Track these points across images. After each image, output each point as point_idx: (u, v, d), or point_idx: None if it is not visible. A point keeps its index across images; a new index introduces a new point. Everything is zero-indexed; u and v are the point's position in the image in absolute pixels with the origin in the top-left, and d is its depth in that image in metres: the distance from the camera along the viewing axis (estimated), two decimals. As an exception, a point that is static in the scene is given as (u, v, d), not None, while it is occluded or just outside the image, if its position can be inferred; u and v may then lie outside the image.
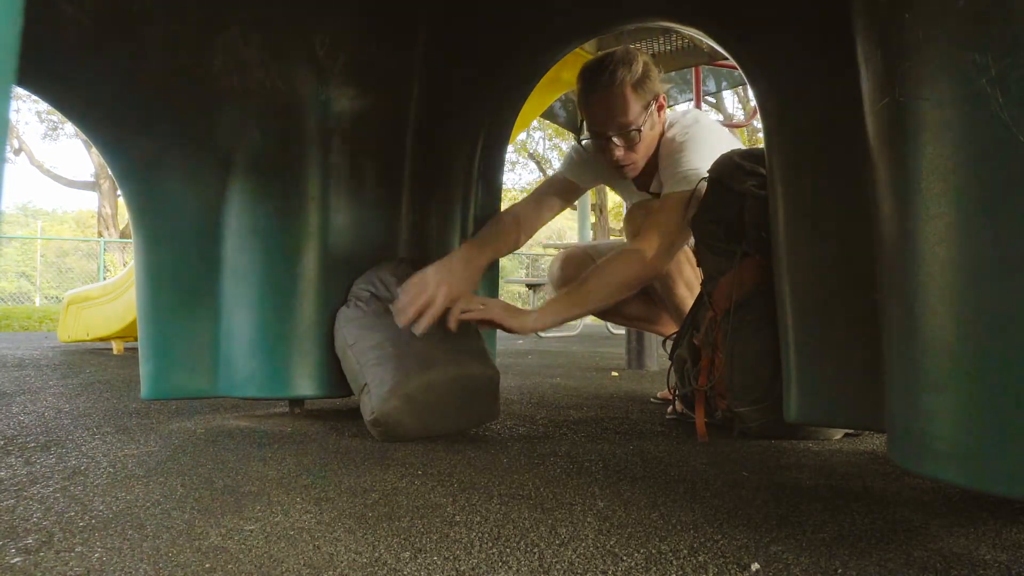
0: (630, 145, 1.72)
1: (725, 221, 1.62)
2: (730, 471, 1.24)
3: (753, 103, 2.61)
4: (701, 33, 1.59)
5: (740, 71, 1.51)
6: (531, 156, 20.77)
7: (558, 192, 1.93)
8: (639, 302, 2.11)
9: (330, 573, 0.75)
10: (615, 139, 1.71)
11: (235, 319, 1.64)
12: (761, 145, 1.53)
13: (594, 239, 8.59)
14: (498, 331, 2.48)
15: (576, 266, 2.02)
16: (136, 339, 3.07)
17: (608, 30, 1.95)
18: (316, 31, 1.64)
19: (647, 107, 1.71)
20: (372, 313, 1.59)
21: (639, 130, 1.70)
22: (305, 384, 1.65)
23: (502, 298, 1.90)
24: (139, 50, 1.52)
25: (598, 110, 1.71)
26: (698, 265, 1.73)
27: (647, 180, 1.89)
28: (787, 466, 1.29)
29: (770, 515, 0.97)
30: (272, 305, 1.63)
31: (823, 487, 1.13)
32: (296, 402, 1.80)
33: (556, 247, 6.70)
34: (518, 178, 18.02)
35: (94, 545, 0.83)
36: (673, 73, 3.82)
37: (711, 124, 1.80)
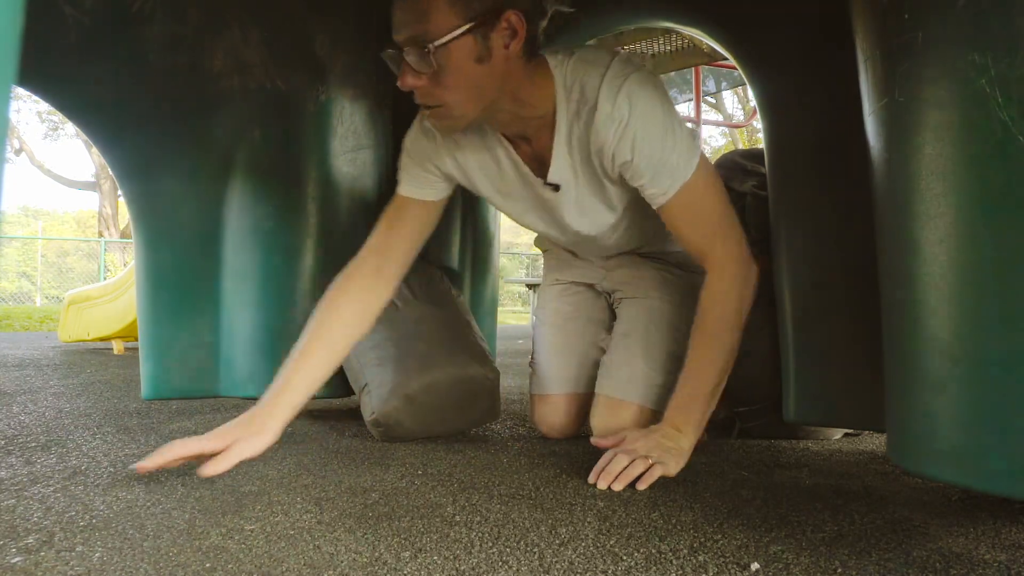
0: (426, 69, 1.04)
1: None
2: (730, 471, 1.24)
3: (753, 103, 2.62)
4: (701, 33, 1.59)
5: (740, 71, 1.51)
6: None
7: (400, 228, 1.30)
8: None
9: (330, 573, 0.75)
10: (407, 57, 1.04)
11: (235, 319, 1.64)
12: (761, 145, 1.53)
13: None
14: (498, 331, 2.43)
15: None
16: (136, 339, 3.07)
17: (608, 31, 1.96)
18: (316, 32, 1.64)
19: (474, 20, 1.02)
20: (372, 313, 1.59)
21: (436, 49, 1.02)
22: (305, 384, 1.64)
23: (502, 297, 1.81)
24: (139, 50, 1.52)
25: (395, 9, 1.07)
26: None
27: (540, 161, 1.23)
28: (787, 466, 1.29)
29: (770, 515, 0.97)
30: (272, 305, 1.63)
31: (823, 487, 1.13)
32: (296, 402, 1.80)
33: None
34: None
35: (95, 545, 0.83)
36: (673, 73, 3.82)
37: (646, 75, 1.14)
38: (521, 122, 1.17)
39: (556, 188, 1.24)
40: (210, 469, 1.03)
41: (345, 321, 1.24)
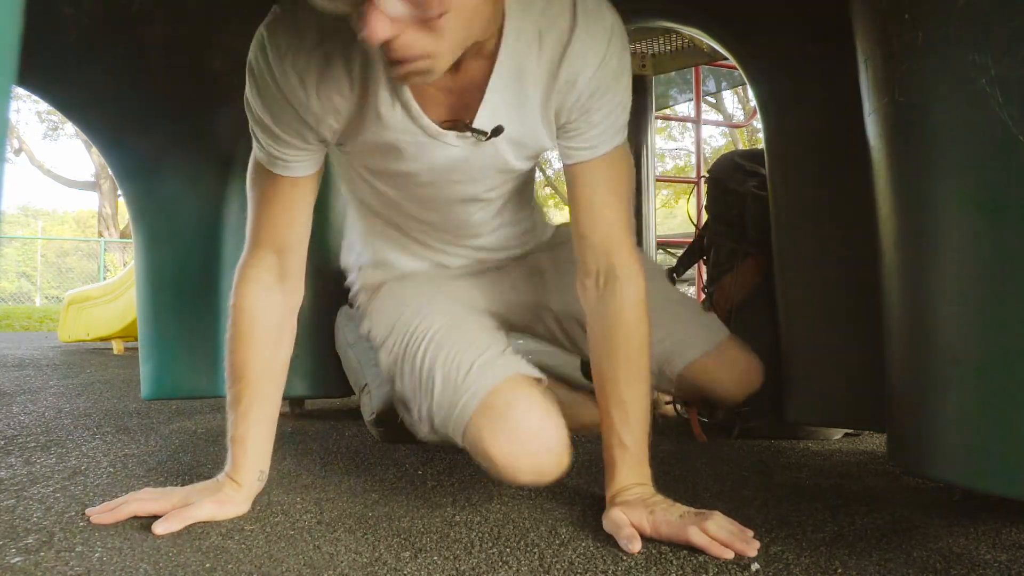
0: (428, 12, 0.69)
1: (727, 221, 1.63)
2: (730, 471, 1.24)
3: (753, 103, 2.61)
4: (701, 33, 1.59)
5: (740, 71, 1.51)
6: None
7: (291, 214, 0.99)
8: None
9: (330, 573, 0.75)
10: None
11: (235, 319, 1.64)
12: (761, 145, 1.53)
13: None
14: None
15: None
16: (136, 339, 3.08)
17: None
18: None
19: None
20: (372, 313, 1.59)
21: None
22: (305, 384, 1.65)
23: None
24: (139, 50, 1.52)
25: None
26: (704, 264, 1.71)
27: (462, 102, 0.89)
28: (787, 466, 1.29)
29: (770, 515, 0.97)
30: (272, 305, 1.63)
31: (823, 487, 1.13)
32: (296, 402, 1.80)
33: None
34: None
35: (94, 545, 0.83)
36: (673, 73, 3.82)
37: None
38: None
39: (484, 135, 0.90)
40: (163, 527, 0.87)
41: (268, 361, 0.99)
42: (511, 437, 0.93)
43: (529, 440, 0.94)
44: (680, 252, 1.74)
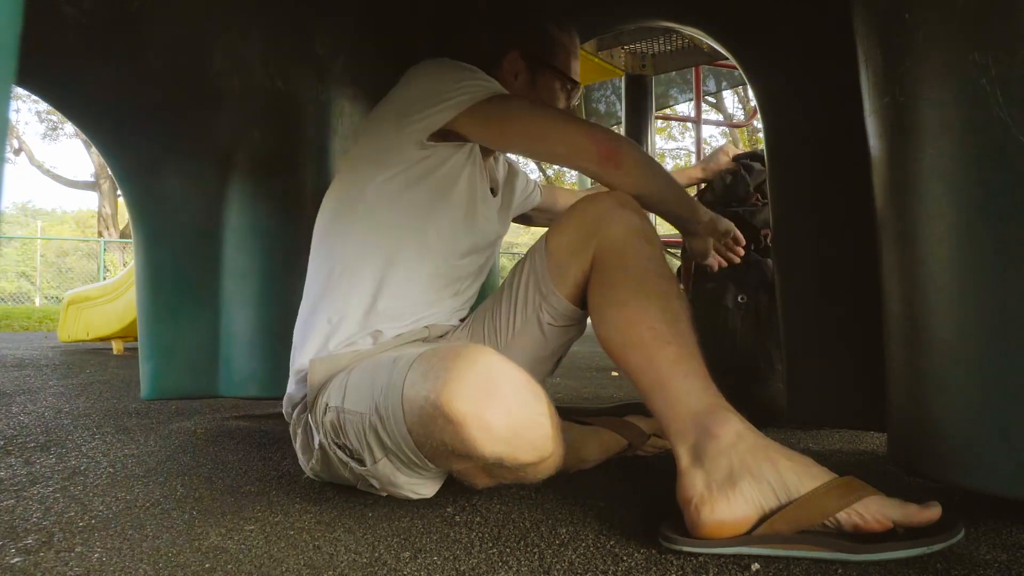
0: None
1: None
2: (730, 471, 1.24)
3: (753, 103, 2.61)
4: (701, 33, 1.59)
5: (740, 71, 1.51)
6: (531, 156, 20.65)
7: None
8: None
9: (330, 573, 0.75)
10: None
11: (235, 319, 1.64)
12: (761, 146, 1.53)
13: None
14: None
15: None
16: (136, 339, 3.07)
17: (608, 30, 1.96)
18: (316, 32, 1.64)
19: None
20: (372, 313, 1.59)
21: None
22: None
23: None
24: (139, 50, 1.52)
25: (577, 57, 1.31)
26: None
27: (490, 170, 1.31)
28: (787, 466, 1.29)
29: (770, 515, 0.97)
30: (272, 305, 1.63)
31: (823, 487, 1.13)
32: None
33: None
34: (518, 178, 17.91)
35: (94, 545, 0.83)
36: (673, 73, 3.81)
37: None
38: None
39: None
40: None
41: None
42: (474, 381, 0.68)
43: (501, 387, 0.69)
44: (680, 252, 1.74)
